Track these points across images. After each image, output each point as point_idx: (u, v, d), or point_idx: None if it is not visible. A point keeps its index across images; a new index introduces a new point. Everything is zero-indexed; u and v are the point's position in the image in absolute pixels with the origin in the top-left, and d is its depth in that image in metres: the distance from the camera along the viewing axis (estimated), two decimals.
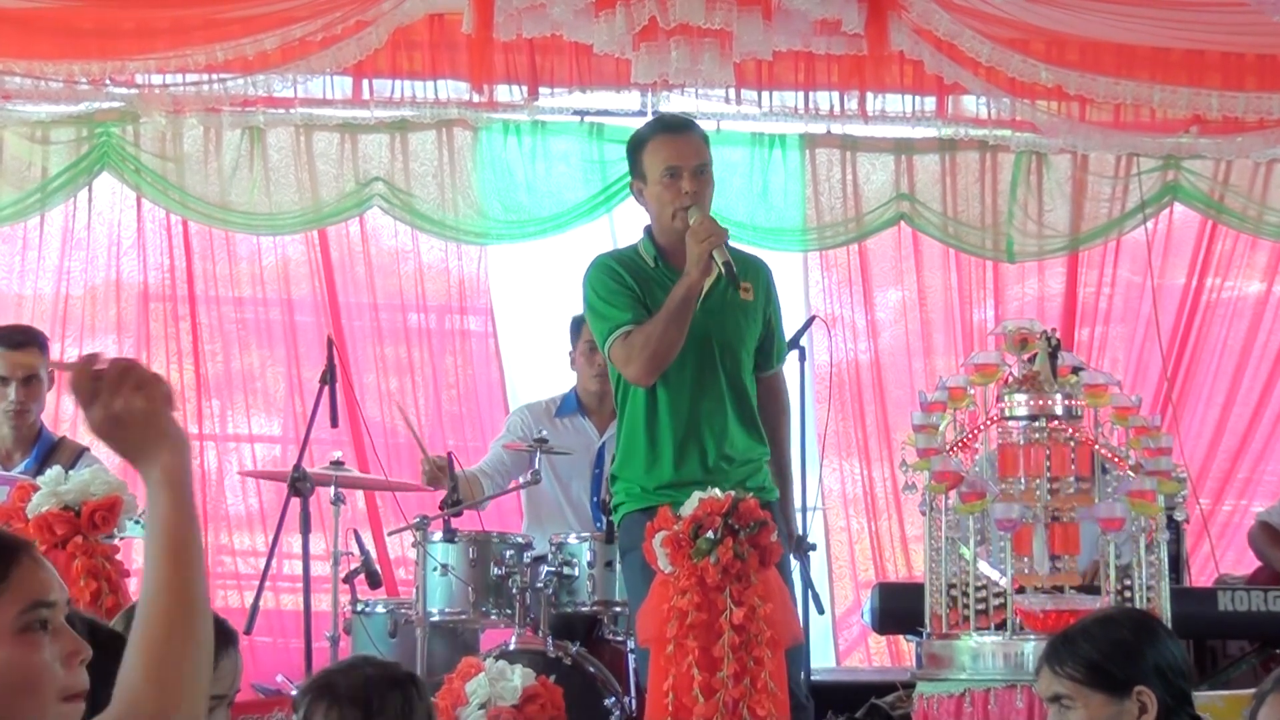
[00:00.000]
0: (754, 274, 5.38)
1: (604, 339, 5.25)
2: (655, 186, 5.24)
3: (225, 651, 2.94)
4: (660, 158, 5.23)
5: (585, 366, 6.77)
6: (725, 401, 5.24)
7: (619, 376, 5.30)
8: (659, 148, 5.26)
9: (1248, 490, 8.00)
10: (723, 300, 5.25)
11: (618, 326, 5.19)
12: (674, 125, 5.43)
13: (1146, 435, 4.67)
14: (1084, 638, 3.60)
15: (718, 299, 5.24)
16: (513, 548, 6.07)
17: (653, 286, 5.24)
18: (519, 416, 6.87)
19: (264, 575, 6.33)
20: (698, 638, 4.66)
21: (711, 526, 4.69)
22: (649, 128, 5.45)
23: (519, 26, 7.08)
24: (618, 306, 5.22)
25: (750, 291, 5.31)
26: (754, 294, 5.33)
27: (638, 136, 5.39)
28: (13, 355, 6.02)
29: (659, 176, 5.22)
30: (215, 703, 2.92)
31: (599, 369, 6.66)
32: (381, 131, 7.75)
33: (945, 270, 8.06)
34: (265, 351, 7.82)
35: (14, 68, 7.21)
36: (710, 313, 5.23)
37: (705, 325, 5.21)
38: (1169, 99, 7.57)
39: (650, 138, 5.31)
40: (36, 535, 4.84)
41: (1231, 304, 8.11)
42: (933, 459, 4.61)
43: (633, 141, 5.39)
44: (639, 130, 5.49)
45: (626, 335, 5.17)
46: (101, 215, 7.79)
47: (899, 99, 7.79)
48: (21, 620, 2.13)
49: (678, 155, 5.22)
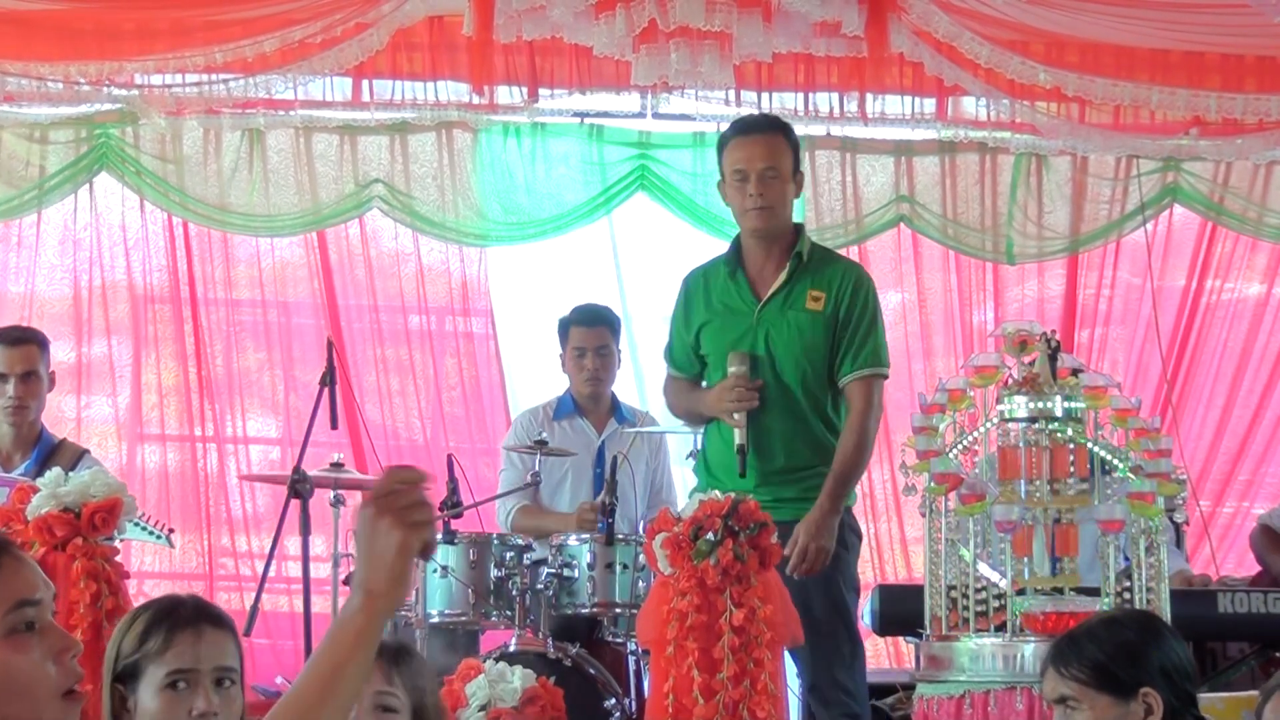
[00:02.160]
0: (828, 282, 5.47)
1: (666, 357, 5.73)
2: (728, 188, 5.48)
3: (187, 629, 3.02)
4: (731, 160, 5.45)
5: (575, 371, 6.78)
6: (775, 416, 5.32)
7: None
8: (732, 149, 5.47)
9: (1248, 492, 7.99)
10: (780, 311, 5.36)
11: (666, 360, 5.68)
12: (747, 126, 5.58)
13: (1146, 437, 4.67)
14: (1089, 639, 3.60)
15: (775, 309, 5.37)
16: (513, 549, 6.07)
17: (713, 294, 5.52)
18: (522, 421, 6.87)
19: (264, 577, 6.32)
20: (698, 639, 4.66)
21: (711, 528, 4.70)
22: (730, 128, 5.63)
23: (519, 28, 7.08)
24: (672, 345, 5.66)
25: (819, 300, 5.42)
26: (823, 303, 5.42)
27: (721, 138, 5.61)
28: (11, 352, 6.03)
29: (729, 178, 5.44)
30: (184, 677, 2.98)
31: (590, 373, 6.70)
32: (381, 133, 7.75)
33: (945, 272, 8.05)
34: (264, 354, 7.82)
35: (13, 69, 7.21)
36: (769, 322, 5.39)
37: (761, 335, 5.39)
38: (1168, 101, 7.56)
39: (729, 139, 5.52)
40: (36, 537, 4.85)
41: (1231, 306, 8.11)
42: (932, 461, 4.61)
43: (719, 143, 5.61)
44: (723, 132, 5.69)
45: (669, 377, 5.68)
46: (101, 216, 7.79)
47: (899, 101, 7.79)
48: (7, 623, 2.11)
49: (745, 158, 5.41)
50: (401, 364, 7.82)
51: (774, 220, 5.45)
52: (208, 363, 7.74)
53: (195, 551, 7.64)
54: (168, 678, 2.96)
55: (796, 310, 5.39)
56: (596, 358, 6.74)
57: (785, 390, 5.37)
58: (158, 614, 3.03)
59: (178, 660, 2.97)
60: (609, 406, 6.85)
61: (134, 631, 3.02)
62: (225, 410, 7.74)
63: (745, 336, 5.41)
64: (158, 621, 3.01)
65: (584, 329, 6.77)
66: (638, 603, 5.67)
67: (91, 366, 7.72)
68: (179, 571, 7.62)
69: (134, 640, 3.01)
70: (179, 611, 3.04)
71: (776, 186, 5.40)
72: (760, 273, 5.48)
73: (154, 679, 2.97)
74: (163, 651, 2.97)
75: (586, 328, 6.77)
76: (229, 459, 7.72)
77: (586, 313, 6.85)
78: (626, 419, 6.82)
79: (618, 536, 5.90)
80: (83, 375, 7.68)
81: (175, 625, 3.00)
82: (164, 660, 2.97)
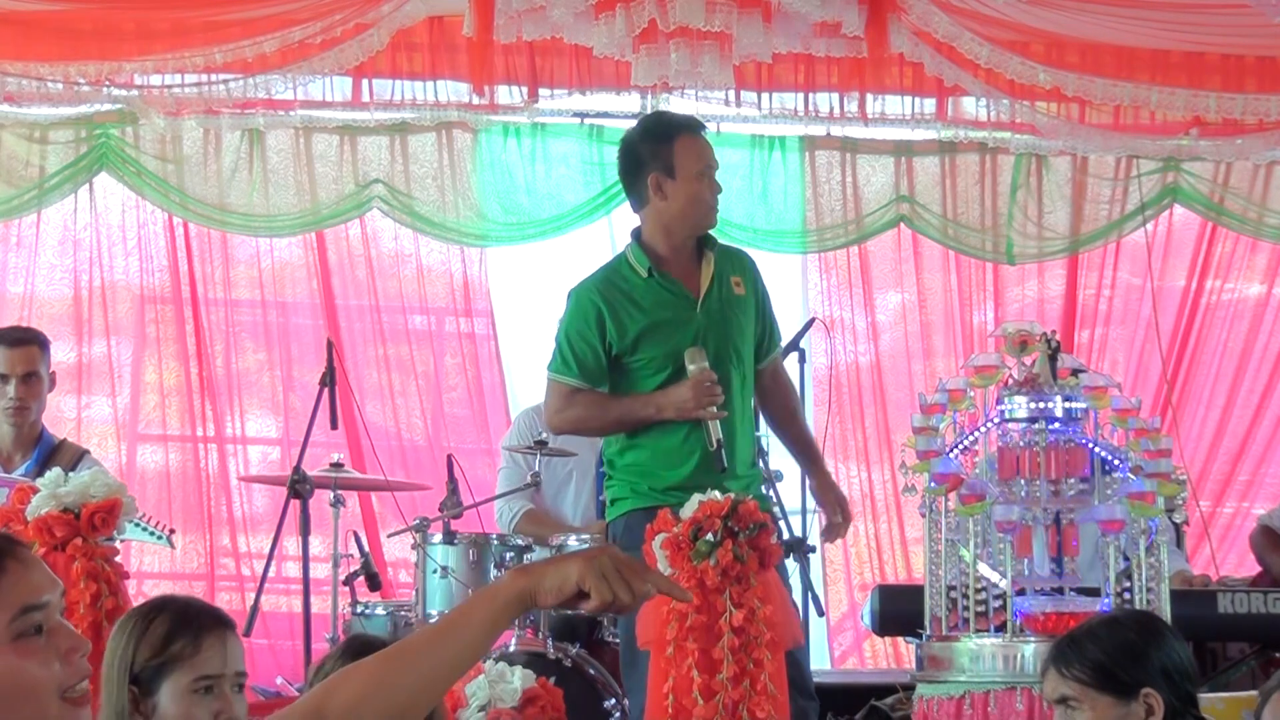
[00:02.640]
0: (739, 268, 5.37)
1: (551, 370, 5.32)
2: (691, 183, 5.22)
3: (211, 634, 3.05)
4: (695, 154, 5.24)
5: None
6: (735, 408, 5.25)
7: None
8: (695, 144, 5.27)
9: (1248, 493, 8.00)
10: (720, 302, 5.26)
11: (565, 375, 5.26)
12: (700, 126, 5.41)
13: (1146, 437, 4.67)
14: (1091, 640, 3.60)
15: (716, 302, 5.25)
16: (512, 550, 6.07)
17: (642, 300, 5.23)
18: (525, 419, 6.86)
19: (264, 577, 6.32)
20: (697, 640, 4.66)
21: (711, 529, 4.69)
22: (675, 123, 5.38)
23: (519, 29, 7.08)
24: (576, 357, 5.25)
25: (740, 285, 5.32)
26: (744, 288, 5.33)
27: (663, 129, 5.31)
28: (12, 353, 6.04)
29: (695, 171, 5.22)
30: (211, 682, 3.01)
31: None
32: (381, 134, 7.76)
33: (945, 272, 8.06)
34: (264, 354, 7.82)
35: (13, 69, 7.21)
36: (712, 316, 5.24)
37: (709, 330, 5.22)
38: (1168, 101, 7.56)
39: (682, 133, 5.27)
40: (36, 537, 4.84)
41: (1231, 306, 8.11)
42: (932, 461, 4.61)
43: (656, 132, 5.30)
44: (658, 122, 5.43)
45: (569, 391, 5.26)
46: (101, 216, 7.80)
47: (899, 101, 7.79)
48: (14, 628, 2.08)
49: (709, 154, 5.29)
50: (402, 364, 7.83)
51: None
52: (207, 363, 7.74)
53: (195, 552, 7.64)
54: (196, 682, 3.00)
55: (729, 300, 5.28)
56: None
57: (737, 378, 5.30)
58: (179, 618, 3.05)
59: (206, 665, 3.01)
60: None
61: (155, 635, 3.03)
62: (225, 410, 7.74)
63: (692, 333, 5.21)
64: (182, 626, 3.03)
65: None
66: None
67: (91, 367, 7.72)
68: (179, 572, 7.62)
69: (156, 643, 3.02)
70: (201, 616, 3.07)
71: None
72: (682, 269, 5.30)
73: (180, 683, 3.00)
74: (191, 656, 3.00)
75: None
76: (229, 459, 7.72)
77: None
78: None
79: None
80: (83, 375, 7.68)
81: (201, 630, 3.03)
82: (193, 665, 3.00)
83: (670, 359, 5.20)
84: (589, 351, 5.23)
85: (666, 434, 5.21)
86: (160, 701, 3.00)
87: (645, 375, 5.23)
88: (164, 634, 3.02)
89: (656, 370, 5.22)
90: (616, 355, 5.23)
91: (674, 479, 5.16)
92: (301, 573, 6.24)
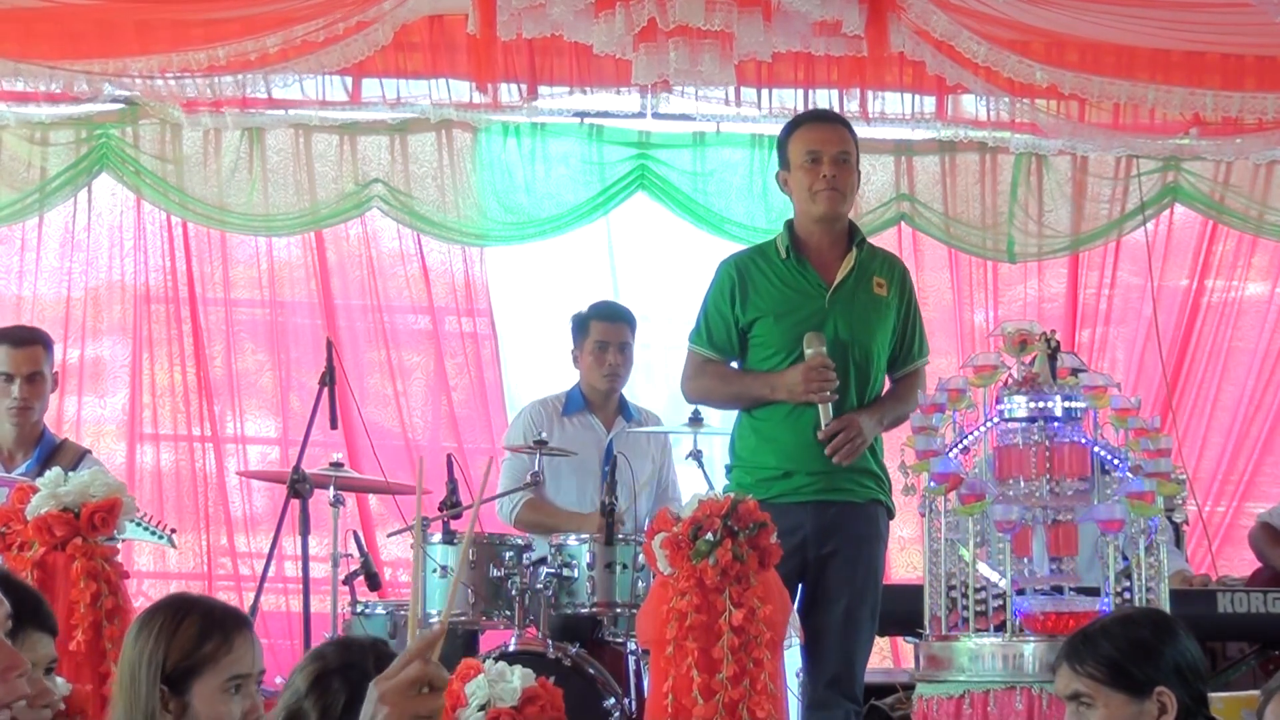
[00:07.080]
0: (887, 271, 5.55)
1: (690, 340, 5.60)
2: (797, 171, 5.47)
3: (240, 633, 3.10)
4: (803, 142, 5.48)
5: (593, 365, 6.78)
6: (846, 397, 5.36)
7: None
8: (804, 134, 5.51)
9: (1248, 492, 7.99)
10: (853, 296, 5.40)
11: (699, 346, 5.53)
12: (820, 115, 5.75)
13: (1146, 437, 4.66)
14: (1104, 636, 3.59)
15: (848, 294, 5.39)
16: (512, 549, 6.06)
17: (773, 278, 5.46)
18: (527, 415, 6.86)
19: (263, 577, 6.32)
20: (697, 639, 4.66)
21: (711, 528, 4.69)
22: (797, 119, 5.69)
23: (519, 27, 7.08)
24: (709, 329, 5.51)
25: (884, 287, 5.48)
26: (887, 290, 5.49)
27: (787, 126, 5.63)
28: (16, 353, 6.04)
29: (801, 161, 5.46)
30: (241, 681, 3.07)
31: (610, 368, 6.71)
32: (381, 133, 7.76)
33: (945, 271, 8.06)
34: (263, 354, 7.82)
35: (13, 68, 7.20)
36: (840, 307, 5.39)
37: (833, 319, 5.37)
38: (1168, 100, 7.56)
39: (798, 126, 5.56)
40: (36, 537, 4.84)
41: (1232, 305, 8.11)
42: (932, 460, 4.61)
43: (782, 134, 5.60)
44: (789, 121, 5.70)
45: (701, 361, 5.52)
46: (101, 217, 7.80)
47: (899, 100, 7.79)
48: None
49: (821, 141, 5.47)
50: (402, 364, 7.82)
51: (843, 204, 5.51)
52: (207, 363, 7.73)
53: (194, 551, 7.64)
54: (230, 681, 3.04)
55: (867, 295, 5.44)
56: (618, 353, 6.77)
57: (855, 372, 5.39)
58: (208, 618, 3.09)
59: (240, 664, 3.06)
60: (617, 405, 6.86)
61: (186, 635, 3.06)
62: (224, 410, 7.74)
63: (817, 319, 5.39)
64: (213, 625, 3.08)
65: (607, 324, 6.78)
66: (637, 603, 5.67)
67: (91, 367, 7.71)
68: (178, 571, 7.62)
69: (189, 642, 3.05)
70: (228, 616, 3.12)
71: (847, 172, 5.48)
72: (823, 258, 5.49)
73: (213, 681, 3.04)
74: (225, 655, 3.05)
75: (609, 323, 6.79)
76: (228, 459, 7.72)
77: (609, 308, 6.90)
78: (634, 418, 6.83)
79: (618, 537, 5.90)
80: (83, 375, 7.68)
81: (231, 629, 3.08)
82: (227, 664, 3.04)
83: (792, 340, 5.37)
84: (720, 323, 5.49)
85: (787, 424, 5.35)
86: (191, 702, 3.03)
87: (766, 352, 5.42)
88: (196, 634, 3.06)
89: (777, 349, 5.40)
90: (743, 329, 5.45)
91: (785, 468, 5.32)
92: (301, 572, 6.24)
